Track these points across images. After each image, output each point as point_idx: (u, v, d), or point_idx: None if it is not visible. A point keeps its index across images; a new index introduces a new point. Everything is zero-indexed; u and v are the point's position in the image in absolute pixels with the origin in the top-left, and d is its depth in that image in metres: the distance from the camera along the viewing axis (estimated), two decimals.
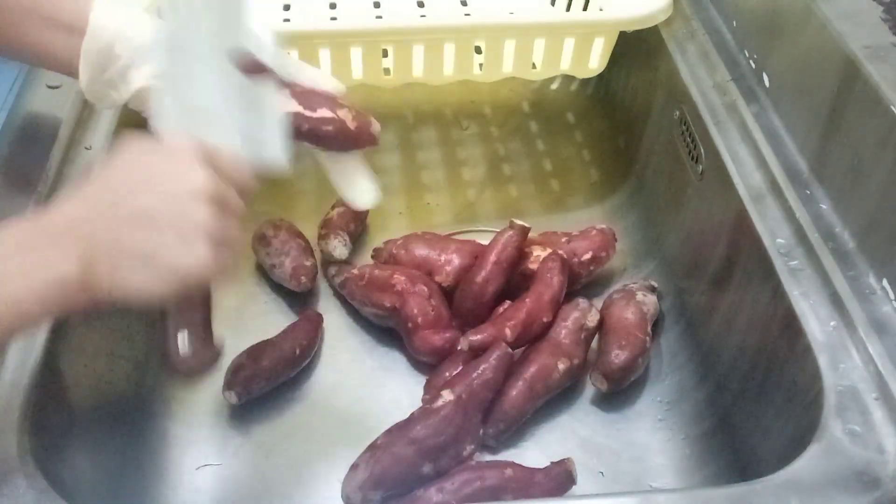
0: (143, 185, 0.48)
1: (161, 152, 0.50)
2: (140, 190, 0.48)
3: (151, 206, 0.47)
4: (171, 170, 0.49)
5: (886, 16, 0.66)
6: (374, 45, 0.83)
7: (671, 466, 0.71)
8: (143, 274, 0.46)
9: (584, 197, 0.96)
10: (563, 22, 0.89)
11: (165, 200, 0.47)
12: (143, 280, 0.46)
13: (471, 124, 1.04)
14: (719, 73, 0.80)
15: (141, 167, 0.49)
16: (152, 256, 0.46)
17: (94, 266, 0.46)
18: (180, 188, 0.48)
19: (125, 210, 0.47)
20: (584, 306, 0.76)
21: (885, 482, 0.50)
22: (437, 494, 0.63)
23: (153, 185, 0.48)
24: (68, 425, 0.60)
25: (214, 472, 0.69)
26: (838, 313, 0.59)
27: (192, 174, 0.48)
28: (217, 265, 0.48)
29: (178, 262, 0.47)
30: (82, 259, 0.46)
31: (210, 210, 0.48)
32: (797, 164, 0.69)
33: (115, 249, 0.46)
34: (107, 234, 0.46)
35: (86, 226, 0.46)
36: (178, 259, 0.47)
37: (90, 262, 0.46)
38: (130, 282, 0.46)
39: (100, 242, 0.46)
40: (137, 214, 0.47)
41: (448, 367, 0.73)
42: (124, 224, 0.47)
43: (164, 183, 0.48)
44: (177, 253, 0.47)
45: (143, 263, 0.46)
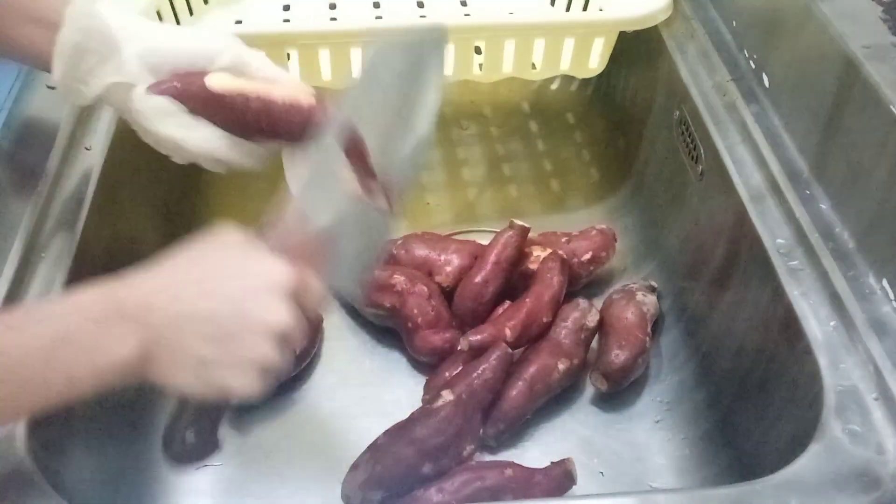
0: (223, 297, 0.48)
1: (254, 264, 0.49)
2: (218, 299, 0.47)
3: (225, 324, 0.47)
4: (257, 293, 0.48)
5: (886, 16, 0.66)
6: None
7: (671, 466, 0.71)
8: (193, 378, 0.47)
9: (584, 197, 0.96)
10: (562, 22, 0.89)
11: (241, 327, 0.47)
12: (191, 382, 0.48)
13: (471, 124, 1.04)
14: (719, 73, 0.80)
15: (228, 271, 0.49)
16: (208, 367, 0.47)
17: (153, 355, 0.46)
18: (257, 324, 0.48)
19: (198, 315, 0.47)
20: (584, 306, 0.76)
21: (885, 482, 0.50)
22: (437, 494, 0.63)
23: (232, 302, 0.48)
24: (68, 425, 0.60)
25: (214, 472, 0.69)
26: (838, 313, 0.59)
27: (275, 310, 0.48)
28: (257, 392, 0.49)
29: (228, 382, 0.48)
30: (143, 345, 0.46)
31: (275, 350, 0.48)
32: (797, 164, 0.69)
33: (177, 348, 0.47)
34: (175, 332, 0.47)
35: (155, 314, 0.46)
36: (230, 379, 0.48)
37: (150, 351, 0.46)
38: (180, 380, 0.47)
39: (165, 335, 0.46)
40: (209, 325, 0.47)
41: (448, 367, 0.73)
42: (194, 328, 0.47)
43: (242, 307, 0.48)
44: (231, 374, 0.48)
45: (197, 369, 0.47)
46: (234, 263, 0.49)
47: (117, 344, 0.45)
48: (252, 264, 0.49)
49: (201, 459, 0.56)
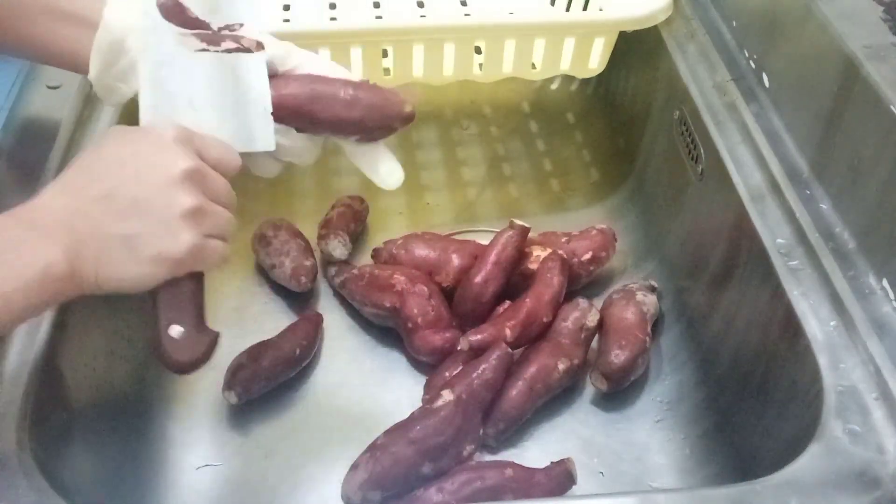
0: (125, 173, 0.48)
1: (143, 140, 0.50)
2: (121, 178, 0.47)
3: (133, 193, 0.47)
4: (152, 157, 0.49)
5: (886, 16, 0.66)
6: (374, 45, 0.83)
7: (671, 466, 0.71)
8: (130, 262, 0.47)
9: (584, 197, 0.96)
10: (563, 22, 0.89)
11: (147, 187, 0.47)
12: (129, 269, 0.47)
13: (471, 124, 1.04)
14: (719, 73, 0.80)
15: (122, 155, 0.49)
16: (137, 244, 0.46)
17: (80, 257, 0.46)
18: (162, 174, 0.48)
19: (107, 198, 0.47)
20: (584, 306, 0.76)
21: (885, 482, 0.50)
22: (436, 494, 0.63)
23: (134, 172, 0.48)
24: (68, 425, 0.60)
25: (214, 472, 0.69)
26: (838, 313, 0.59)
27: (173, 160, 0.48)
28: (204, 251, 0.48)
29: (162, 250, 0.47)
30: (67, 250, 0.45)
31: (193, 196, 0.48)
32: (797, 164, 0.69)
33: (99, 239, 0.46)
34: (90, 224, 0.46)
35: (68, 216, 0.46)
36: (163, 246, 0.47)
37: (75, 253, 0.46)
38: (117, 271, 0.47)
39: (83, 232, 0.46)
40: (120, 202, 0.47)
41: (448, 367, 0.73)
42: (107, 213, 0.47)
43: (145, 170, 0.48)
44: (161, 240, 0.47)
45: (129, 252, 0.46)
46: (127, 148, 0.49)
47: (38, 256, 0.45)
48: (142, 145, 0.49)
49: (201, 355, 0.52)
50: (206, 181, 0.50)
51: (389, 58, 0.85)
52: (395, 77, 0.86)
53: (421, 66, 0.86)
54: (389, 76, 0.86)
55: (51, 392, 0.58)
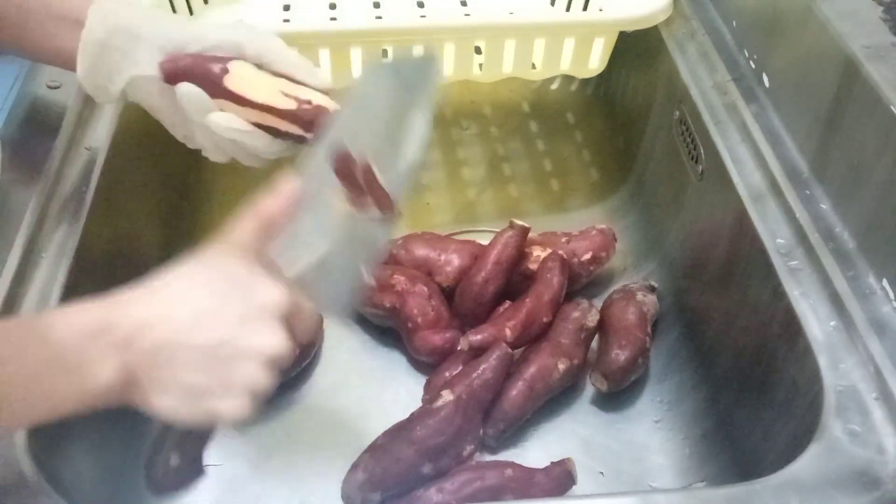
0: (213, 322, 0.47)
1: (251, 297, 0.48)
2: (208, 325, 0.47)
3: (214, 349, 0.46)
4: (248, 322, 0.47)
5: (886, 16, 0.66)
6: (374, 46, 0.83)
7: (671, 466, 0.71)
8: (182, 406, 0.47)
9: (584, 197, 0.96)
10: (563, 22, 0.89)
11: (230, 353, 0.47)
12: (179, 411, 0.47)
13: (471, 124, 1.04)
14: (719, 73, 0.80)
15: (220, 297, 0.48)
16: (197, 395, 0.46)
17: (138, 380, 0.46)
18: (252, 348, 0.47)
19: (190, 347, 0.46)
20: (584, 306, 0.76)
21: (885, 482, 0.50)
22: (437, 494, 0.63)
23: (224, 327, 0.47)
24: (68, 425, 0.60)
25: (214, 472, 0.69)
26: (838, 313, 0.59)
27: (269, 339, 0.48)
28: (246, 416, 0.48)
29: (219, 410, 0.47)
30: (129, 369, 0.45)
31: (266, 377, 0.48)
32: (797, 164, 0.69)
33: (166, 374, 0.46)
34: (164, 356, 0.46)
35: (146, 338, 0.45)
36: (221, 408, 0.47)
37: (136, 375, 0.45)
38: (166, 406, 0.47)
39: (151, 363, 0.46)
40: (196, 350, 0.46)
41: (448, 367, 0.73)
42: (184, 359, 0.46)
43: (235, 332, 0.47)
44: (219, 402, 0.47)
45: (186, 396, 0.46)
46: (231, 288, 0.48)
47: (104, 368, 0.44)
48: (247, 287, 0.48)
49: (184, 485, 0.54)
50: (281, 358, 0.49)
51: (389, 58, 0.85)
52: None
53: None
54: None
55: None
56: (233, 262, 0.49)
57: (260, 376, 0.48)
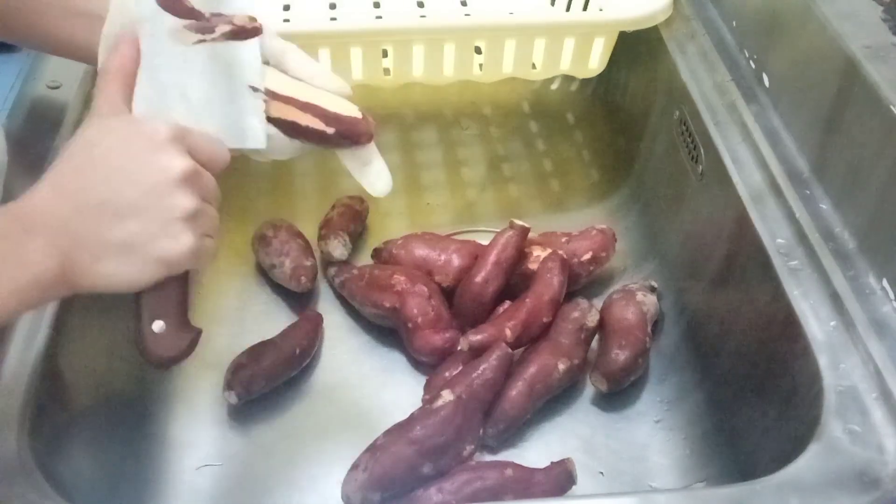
0: (121, 174, 0.47)
1: (137, 138, 0.49)
2: (117, 181, 0.47)
3: (133, 196, 0.47)
4: (148, 157, 0.48)
5: (886, 16, 0.66)
6: (374, 45, 0.83)
7: (671, 466, 0.71)
8: (128, 265, 0.46)
9: (584, 197, 0.96)
10: (563, 22, 0.89)
11: (146, 190, 0.47)
12: (127, 270, 0.47)
13: (471, 124, 1.04)
14: (719, 73, 0.80)
15: (116, 154, 0.48)
16: (137, 247, 0.46)
17: (74, 259, 0.45)
18: (160, 176, 0.47)
19: (105, 201, 0.46)
20: (584, 306, 0.76)
21: (885, 482, 0.50)
22: (437, 494, 0.63)
23: (131, 174, 0.47)
24: (68, 425, 0.60)
25: (214, 472, 0.69)
26: (838, 313, 0.59)
27: (170, 161, 0.48)
28: (201, 250, 0.48)
29: (162, 252, 0.47)
30: (61, 254, 0.45)
31: (190, 197, 0.48)
32: (797, 164, 0.69)
33: (96, 242, 0.46)
34: (86, 227, 0.46)
35: (63, 220, 0.46)
36: (163, 248, 0.47)
37: (69, 256, 0.45)
38: (114, 273, 0.46)
39: (79, 235, 0.46)
40: (119, 206, 0.46)
41: (448, 367, 0.73)
42: (105, 215, 0.46)
43: (142, 171, 0.47)
44: (161, 243, 0.47)
45: (128, 254, 0.46)
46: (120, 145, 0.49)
47: (31, 259, 0.44)
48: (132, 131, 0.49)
49: (181, 351, 0.52)
50: (200, 181, 0.50)
51: (389, 58, 0.85)
52: (395, 77, 0.86)
53: (421, 67, 0.86)
54: (389, 76, 0.86)
55: (51, 392, 0.58)
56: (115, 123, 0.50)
57: (182, 200, 0.47)
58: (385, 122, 0.74)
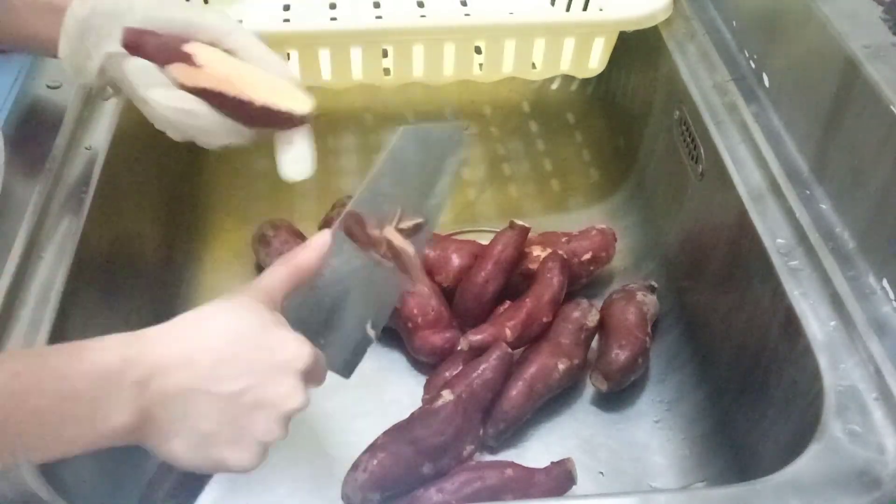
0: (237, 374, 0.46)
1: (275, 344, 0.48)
2: (230, 376, 0.46)
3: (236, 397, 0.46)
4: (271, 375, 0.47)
5: (886, 16, 0.66)
6: (374, 45, 0.83)
7: (671, 466, 0.71)
8: (193, 452, 0.46)
9: (584, 197, 0.96)
10: (563, 22, 0.89)
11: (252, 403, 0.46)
12: (188, 456, 0.46)
13: (471, 124, 1.04)
14: (719, 73, 0.80)
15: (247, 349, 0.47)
16: (211, 445, 0.46)
17: (153, 423, 0.45)
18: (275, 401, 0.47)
19: (210, 394, 0.45)
20: (584, 306, 0.76)
21: (885, 482, 0.50)
22: (437, 494, 0.63)
23: (246, 378, 0.46)
24: None
25: None
26: (838, 313, 0.59)
27: (290, 393, 0.47)
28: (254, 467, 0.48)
29: (229, 460, 0.47)
30: (144, 412, 0.44)
31: (282, 431, 0.47)
32: (797, 164, 0.69)
33: (183, 420, 0.45)
34: (182, 402, 0.45)
35: (163, 383, 0.45)
36: (231, 457, 0.47)
37: (150, 419, 0.45)
38: (177, 452, 0.46)
39: (167, 408, 0.45)
40: (214, 400, 0.46)
41: (448, 367, 0.73)
42: (203, 401, 0.45)
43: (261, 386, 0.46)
44: (232, 451, 0.47)
45: (199, 445, 0.46)
46: (255, 337, 0.47)
47: (120, 410, 0.44)
48: (274, 340, 0.48)
49: None
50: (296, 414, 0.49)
51: (389, 58, 0.85)
52: (395, 77, 0.86)
53: (421, 66, 0.86)
54: (389, 76, 0.86)
55: None
56: (259, 310, 0.48)
57: (274, 430, 0.47)
58: (385, 122, 0.75)
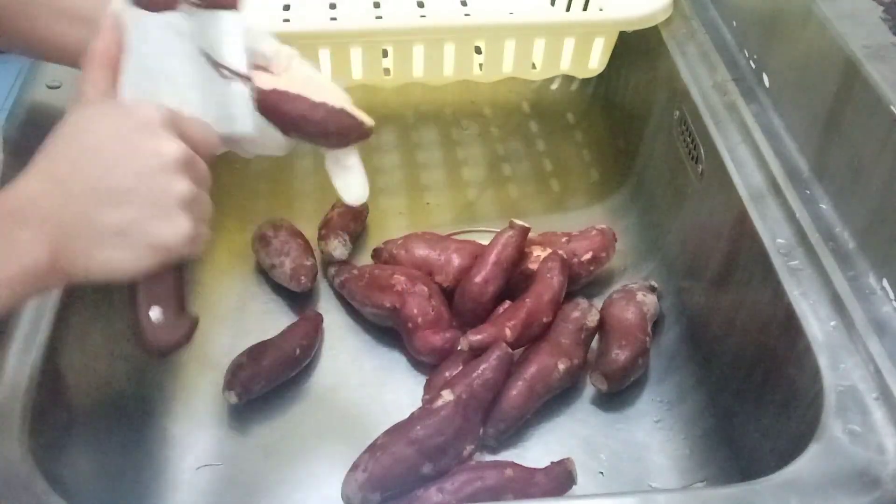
0: (113, 160, 0.46)
1: (128, 122, 0.48)
2: (110, 165, 0.46)
3: (126, 182, 0.46)
4: (140, 141, 0.47)
5: (886, 16, 0.66)
6: (374, 45, 0.83)
7: (671, 466, 0.71)
8: (123, 252, 0.46)
9: (584, 197, 0.96)
10: (562, 22, 0.89)
11: (140, 175, 0.46)
12: (122, 258, 0.46)
13: (471, 124, 1.04)
14: (719, 73, 0.80)
15: (107, 139, 0.47)
16: (132, 234, 0.46)
17: (67, 248, 0.45)
18: (153, 161, 0.47)
19: (97, 187, 0.45)
20: (584, 306, 0.76)
21: (885, 482, 0.50)
22: (437, 494, 0.63)
23: (123, 158, 0.46)
24: (68, 425, 0.60)
25: (214, 472, 0.69)
26: (838, 313, 0.59)
27: (163, 145, 0.47)
28: (196, 236, 0.48)
29: (159, 238, 0.46)
30: (53, 243, 0.44)
31: (186, 182, 0.47)
32: (797, 164, 0.69)
33: (90, 229, 0.45)
34: (79, 214, 0.45)
35: (54, 205, 0.45)
36: (160, 234, 0.46)
37: (62, 245, 0.44)
38: (109, 261, 0.46)
39: (72, 223, 0.45)
40: (112, 192, 0.46)
41: (448, 367, 0.73)
42: (98, 202, 0.45)
43: (135, 156, 0.46)
44: (157, 228, 0.46)
45: (123, 241, 0.45)
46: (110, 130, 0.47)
47: (22, 249, 0.44)
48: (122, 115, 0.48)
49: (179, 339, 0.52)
50: (194, 166, 0.49)
51: (389, 58, 0.85)
52: (395, 77, 0.86)
53: (421, 66, 0.86)
54: (389, 76, 0.86)
55: (51, 392, 0.58)
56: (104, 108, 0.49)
57: (176, 185, 0.47)
58: (385, 122, 0.75)
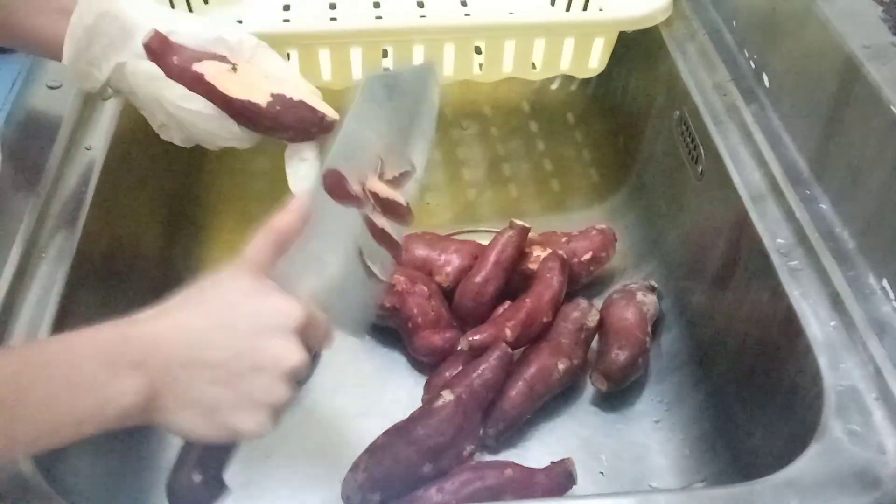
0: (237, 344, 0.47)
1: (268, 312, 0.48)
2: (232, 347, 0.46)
3: (237, 368, 0.46)
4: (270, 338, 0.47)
5: (886, 16, 0.66)
6: (374, 45, 0.83)
7: (671, 466, 0.71)
8: (203, 423, 0.47)
9: (584, 197, 0.96)
10: (562, 22, 0.89)
11: (251, 368, 0.47)
12: (199, 427, 0.47)
13: (471, 124, 1.04)
14: (719, 73, 0.80)
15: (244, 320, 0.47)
16: (218, 411, 0.46)
17: (160, 399, 0.45)
18: (269, 364, 0.47)
19: (211, 363, 0.46)
20: (584, 306, 0.76)
21: (885, 482, 0.50)
22: (437, 494, 0.63)
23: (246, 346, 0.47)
24: None
25: None
26: (838, 313, 0.59)
27: (287, 353, 0.47)
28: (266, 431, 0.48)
29: (239, 426, 0.47)
30: (150, 390, 0.45)
31: (284, 388, 0.48)
32: (797, 164, 0.69)
33: (187, 395, 0.46)
34: (186, 379, 0.46)
35: (164, 357, 0.45)
36: (241, 424, 0.47)
37: (157, 394, 0.45)
38: (188, 425, 0.47)
39: (174, 380, 0.46)
40: (222, 371, 0.46)
41: (448, 367, 0.73)
42: (206, 375, 0.46)
43: (257, 350, 0.47)
44: (241, 418, 0.47)
45: (207, 415, 0.46)
46: (244, 303, 0.48)
47: (125, 391, 0.44)
48: (262, 303, 0.48)
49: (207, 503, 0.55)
50: (300, 374, 0.49)
51: (389, 58, 0.85)
52: None
53: None
54: None
55: None
56: (245, 278, 0.49)
57: (277, 389, 0.47)
58: None
